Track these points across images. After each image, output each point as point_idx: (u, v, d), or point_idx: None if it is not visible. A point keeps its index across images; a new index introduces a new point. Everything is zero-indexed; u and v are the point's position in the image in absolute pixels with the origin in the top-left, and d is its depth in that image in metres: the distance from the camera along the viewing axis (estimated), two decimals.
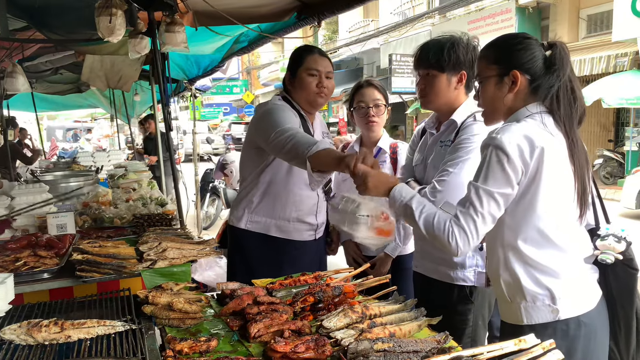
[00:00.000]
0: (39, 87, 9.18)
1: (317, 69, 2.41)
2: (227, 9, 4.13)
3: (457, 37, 2.09)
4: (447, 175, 2.02)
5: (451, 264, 2.16)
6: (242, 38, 4.98)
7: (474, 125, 2.05)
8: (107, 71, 5.46)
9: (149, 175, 4.29)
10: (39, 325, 1.52)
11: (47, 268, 2.09)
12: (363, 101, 2.69)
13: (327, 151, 1.93)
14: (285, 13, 4.07)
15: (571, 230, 1.65)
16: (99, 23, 2.45)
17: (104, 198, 3.20)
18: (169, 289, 1.90)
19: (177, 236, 2.50)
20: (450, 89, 2.11)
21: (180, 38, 3.11)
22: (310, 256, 2.57)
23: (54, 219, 2.67)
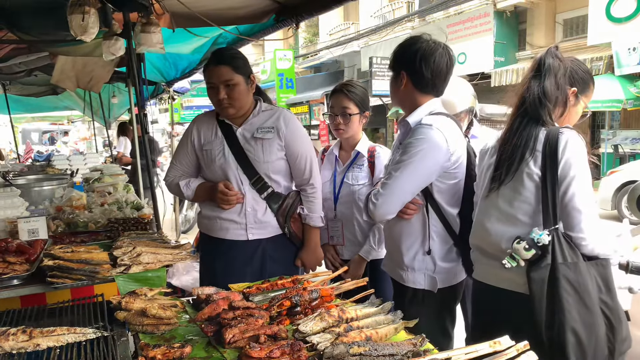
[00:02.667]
0: (13, 89, 8.99)
1: (212, 81, 2.41)
2: (204, 10, 4.09)
3: (416, 37, 2.15)
4: (390, 178, 2.07)
5: (403, 265, 2.19)
6: (220, 40, 4.95)
7: (420, 129, 2.07)
8: (78, 72, 5.38)
9: (125, 178, 4.22)
10: (6, 334, 1.48)
11: (17, 274, 2.04)
12: (334, 107, 2.72)
13: (199, 188, 2.55)
14: (263, 15, 4.05)
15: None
16: (72, 21, 2.40)
17: (77, 202, 3.13)
18: (143, 295, 1.87)
19: (153, 240, 2.46)
20: (399, 90, 2.18)
21: (156, 39, 3.07)
22: (245, 257, 2.52)
23: (25, 224, 2.60)
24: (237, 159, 2.47)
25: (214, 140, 2.52)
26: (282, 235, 2.55)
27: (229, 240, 2.52)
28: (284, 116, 2.51)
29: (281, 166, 2.50)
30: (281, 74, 18.84)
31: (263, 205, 2.49)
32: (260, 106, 2.54)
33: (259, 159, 2.45)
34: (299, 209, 2.57)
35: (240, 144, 2.47)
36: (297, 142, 2.50)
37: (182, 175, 2.62)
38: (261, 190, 2.48)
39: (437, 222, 2.16)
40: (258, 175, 2.47)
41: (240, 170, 2.46)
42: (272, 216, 2.51)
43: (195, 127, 2.59)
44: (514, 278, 1.81)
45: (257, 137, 2.46)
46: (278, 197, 2.52)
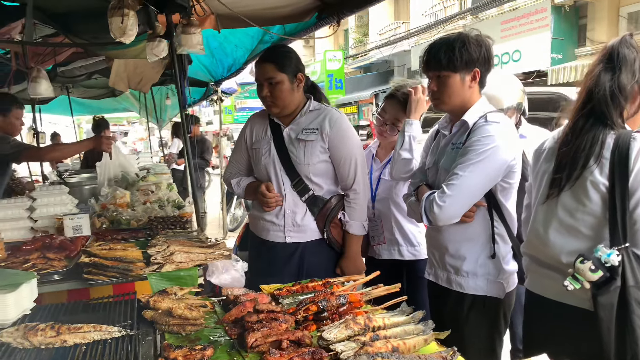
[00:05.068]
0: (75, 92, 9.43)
1: (257, 78, 2.42)
2: (248, 10, 4.12)
3: (465, 34, 2.00)
4: (457, 179, 1.92)
5: (462, 271, 2.05)
6: (266, 38, 4.96)
7: (487, 126, 1.95)
8: (130, 73, 5.56)
9: (168, 177, 4.31)
10: (35, 329, 1.51)
11: (55, 270, 2.09)
12: (386, 113, 2.64)
13: (248, 187, 2.58)
14: (306, 13, 4.02)
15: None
16: (112, 24, 2.45)
17: (121, 200, 3.21)
18: (173, 294, 1.87)
19: (189, 239, 2.47)
20: (464, 89, 2.02)
21: (196, 40, 3.10)
22: (283, 259, 2.48)
23: (70, 221, 2.69)
24: (280, 159, 2.44)
25: (262, 139, 2.51)
26: (321, 240, 2.49)
27: (270, 242, 2.51)
28: (330, 117, 2.44)
29: (323, 169, 2.44)
30: (330, 74, 18.81)
31: (303, 208, 2.45)
32: (309, 105, 2.50)
33: (300, 160, 2.41)
34: (340, 214, 2.49)
35: (285, 144, 2.44)
36: (342, 144, 2.43)
37: (237, 173, 2.65)
38: (302, 193, 2.44)
39: (500, 225, 2.05)
40: (299, 178, 2.42)
41: (283, 171, 2.43)
42: (312, 220, 2.46)
43: (249, 125, 2.61)
44: (576, 292, 1.59)
45: (300, 138, 2.41)
46: (319, 200, 2.45)
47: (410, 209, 2.21)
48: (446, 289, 2.12)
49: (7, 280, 1.78)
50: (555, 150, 1.77)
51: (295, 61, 2.41)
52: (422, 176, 2.24)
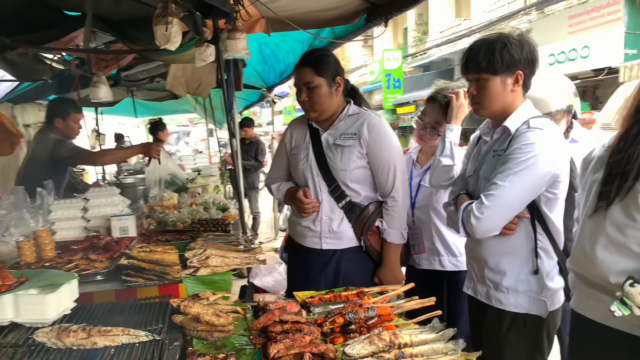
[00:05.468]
0: (139, 95, 9.86)
1: (296, 83, 2.41)
2: (296, 14, 4.13)
3: (506, 35, 1.88)
4: (496, 189, 1.81)
5: (501, 287, 1.94)
6: (316, 43, 4.96)
7: (529, 133, 1.83)
8: (188, 78, 5.70)
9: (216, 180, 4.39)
10: (67, 330, 1.56)
11: (96, 271, 2.17)
12: (426, 116, 2.55)
13: (287, 192, 2.57)
14: (354, 15, 3.98)
15: None
16: (157, 32, 2.51)
17: (168, 202, 3.30)
18: (205, 299, 1.88)
19: (228, 243, 2.49)
20: (505, 92, 1.90)
21: (241, 45, 3.11)
22: (319, 266, 2.44)
23: (117, 222, 2.79)
24: (318, 165, 2.42)
25: (301, 144, 2.50)
26: (358, 247, 2.43)
27: (306, 247, 2.49)
28: (368, 122, 2.39)
29: (361, 175, 2.39)
30: (388, 74, 18.65)
31: (340, 215, 2.41)
32: (348, 110, 2.46)
33: (337, 166, 2.37)
34: (378, 221, 2.43)
35: (323, 150, 2.41)
36: (381, 149, 2.37)
37: (278, 178, 2.66)
38: (339, 199, 2.40)
39: (544, 238, 1.93)
40: (336, 184, 2.39)
41: (320, 177, 2.41)
42: (349, 227, 2.41)
43: (290, 130, 2.61)
44: (626, 317, 1.47)
45: (337, 143, 2.38)
46: (356, 207, 2.40)
47: (449, 219, 2.11)
48: (485, 305, 2.00)
49: (49, 281, 1.85)
50: (605, 159, 1.61)
51: (333, 64, 2.38)
52: (462, 184, 2.13)
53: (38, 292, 1.79)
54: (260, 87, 6.93)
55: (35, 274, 1.95)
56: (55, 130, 3.83)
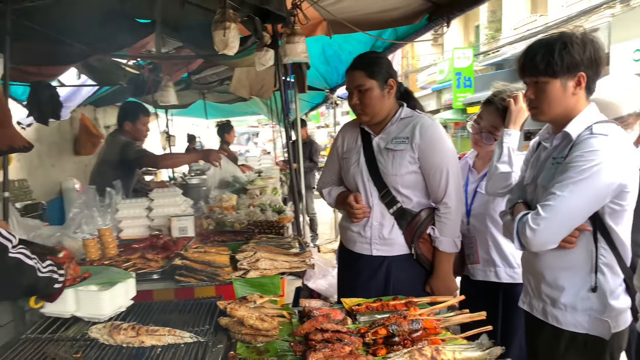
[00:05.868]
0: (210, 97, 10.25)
1: (347, 86, 2.37)
2: (357, 15, 4.11)
3: (568, 34, 1.75)
4: (554, 199, 1.68)
5: (559, 303, 1.81)
6: (378, 44, 4.91)
7: (592, 139, 1.69)
8: (252, 80, 5.83)
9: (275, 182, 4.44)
10: (118, 328, 1.62)
11: (151, 270, 2.25)
12: (482, 119, 2.44)
13: (338, 197, 2.54)
14: (416, 16, 3.90)
15: None
16: (215, 37, 2.57)
17: (227, 203, 3.38)
18: (253, 301, 1.90)
19: (279, 246, 2.51)
20: (566, 96, 1.77)
21: (300, 48, 3.14)
22: (369, 272, 2.38)
23: (177, 222, 2.89)
24: (369, 169, 2.38)
25: (353, 149, 2.48)
26: (409, 255, 2.37)
27: (356, 253, 2.46)
28: (420, 125, 2.32)
29: (412, 180, 2.33)
30: (459, 72, 18.13)
31: (390, 221, 2.36)
32: (400, 113, 2.41)
33: (387, 171, 2.33)
34: (429, 229, 2.36)
35: (374, 154, 2.38)
36: (433, 154, 2.30)
37: (329, 183, 2.65)
38: (390, 205, 2.35)
39: (608, 253, 1.78)
40: (387, 189, 2.34)
41: (371, 182, 2.37)
42: (400, 234, 2.36)
43: (341, 134, 2.60)
44: None
45: (389, 147, 2.33)
46: (407, 213, 2.35)
47: (505, 228, 2.00)
48: (541, 322, 1.88)
49: (108, 278, 1.95)
50: None
51: (386, 67, 2.33)
52: (520, 193, 2.01)
53: (97, 289, 1.89)
54: (324, 88, 6.96)
55: (98, 270, 2.06)
56: (125, 132, 4.03)
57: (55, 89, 5.39)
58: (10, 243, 1.52)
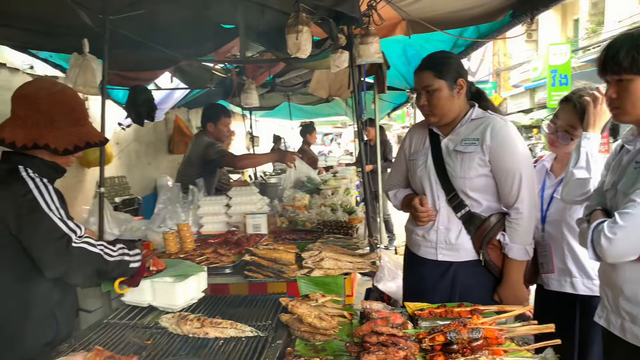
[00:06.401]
0: (294, 99, 10.51)
1: (415, 87, 2.30)
2: (437, 15, 4.02)
3: None
4: (634, 207, 1.55)
5: (639, 321, 1.65)
6: (460, 42, 4.77)
7: None
8: (331, 81, 5.89)
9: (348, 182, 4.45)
10: (185, 319, 1.72)
11: (223, 265, 2.36)
12: (559, 119, 2.30)
13: (404, 199, 2.50)
14: (499, 12, 3.75)
15: None
16: (288, 40, 2.64)
17: (299, 202, 3.45)
18: (314, 300, 1.93)
19: (345, 246, 2.52)
20: None
21: (373, 49, 3.13)
22: (434, 277, 2.31)
23: (251, 220, 3.00)
24: (437, 171, 2.32)
25: (420, 150, 2.43)
26: (477, 261, 2.28)
27: (421, 257, 2.41)
28: (492, 126, 2.23)
29: (482, 183, 2.24)
30: (554, 70, 17.08)
31: (458, 225, 2.28)
32: (471, 114, 2.33)
33: (456, 173, 2.25)
34: (499, 235, 2.26)
35: (443, 156, 2.32)
36: (505, 157, 2.19)
37: (396, 185, 2.63)
38: (457, 209, 2.27)
39: None
40: (454, 192, 2.27)
41: (438, 184, 2.31)
42: (468, 239, 2.27)
43: (409, 135, 2.56)
44: None
45: (457, 149, 2.26)
46: (476, 218, 2.26)
47: (582, 237, 1.86)
48: (619, 339, 1.73)
49: (182, 271, 2.07)
50: None
51: (455, 66, 2.26)
52: (599, 199, 1.86)
53: (172, 281, 2.02)
54: (404, 88, 6.87)
55: (174, 263, 2.20)
56: (208, 133, 4.25)
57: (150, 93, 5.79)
58: (74, 234, 1.65)
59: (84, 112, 1.85)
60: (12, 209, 1.62)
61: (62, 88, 1.81)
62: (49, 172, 1.78)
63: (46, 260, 1.62)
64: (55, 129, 1.73)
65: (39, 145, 1.69)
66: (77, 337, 1.71)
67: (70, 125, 1.77)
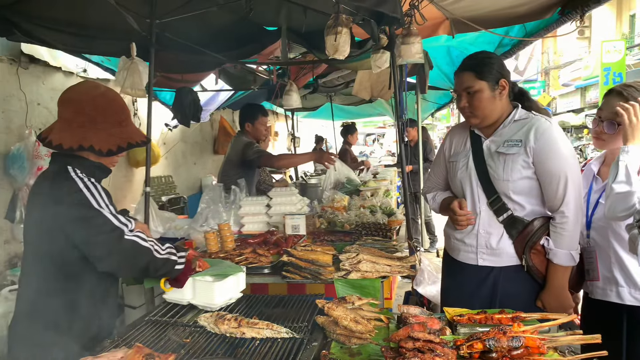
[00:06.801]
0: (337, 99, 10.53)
1: (456, 89, 2.25)
2: (482, 13, 3.93)
3: None
4: None
5: None
6: (505, 41, 4.65)
7: None
8: (373, 82, 5.85)
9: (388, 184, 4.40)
10: (223, 318, 1.75)
11: (261, 265, 2.39)
12: (603, 111, 2.19)
13: (443, 202, 2.47)
14: (546, 10, 3.62)
15: None
16: (327, 42, 2.64)
17: (338, 203, 3.44)
18: (351, 303, 1.92)
19: (383, 249, 2.50)
20: None
21: (415, 49, 3.09)
22: (474, 283, 2.24)
23: (290, 220, 3.02)
24: (478, 174, 2.26)
25: (461, 152, 2.38)
26: (519, 266, 2.21)
27: (460, 262, 2.35)
28: (536, 127, 2.16)
29: (525, 186, 2.17)
30: (607, 68, 16.38)
31: (499, 229, 2.22)
32: (514, 115, 2.27)
33: (498, 176, 2.19)
34: (543, 239, 2.18)
35: (484, 158, 2.26)
36: (550, 158, 2.12)
37: (435, 187, 2.59)
38: (499, 212, 2.21)
39: None
40: (496, 195, 2.20)
41: (480, 187, 2.25)
42: (510, 243, 2.20)
43: (449, 137, 2.51)
44: None
45: (500, 151, 2.20)
46: (519, 222, 2.19)
47: (631, 243, 1.77)
48: None
49: (221, 271, 2.10)
50: None
51: (497, 67, 2.20)
52: None
53: (211, 280, 2.05)
54: (448, 88, 6.76)
55: (214, 263, 2.22)
56: (246, 133, 4.31)
57: (196, 94, 5.93)
58: (126, 227, 1.72)
59: (126, 113, 1.90)
60: (63, 207, 1.69)
61: (104, 90, 1.87)
62: (95, 172, 1.85)
63: (99, 253, 1.69)
64: (99, 131, 1.79)
65: (84, 147, 1.76)
66: (119, 334, 1.77)
67: (113, 127, 1.82)
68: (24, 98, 4.76)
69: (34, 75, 4.96)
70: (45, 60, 4.99)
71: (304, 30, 4.15)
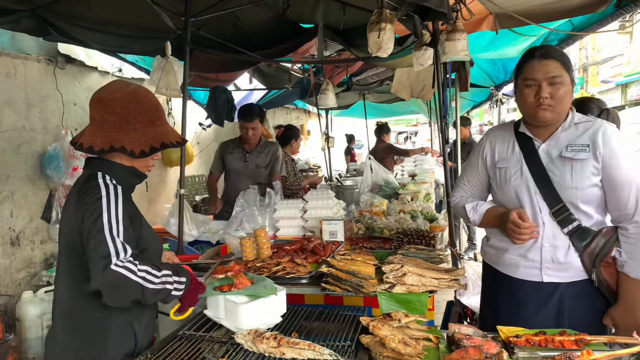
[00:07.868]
0: (370, 97, 10.38)
1: (534, 77, 2.00)
2: (529, 7, 3.72)
3: None
4: None
5: None
6: (552, 36, 4.41)
7: None
8: (413, 81, 5.67)
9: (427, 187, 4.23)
10: (261, 337, 1.64)
11: (300, 275, 2.27)
12: None
13: (488, 213, 2.24)
14: (600, 3, 3.38)
15: None
16: (370, 39, 2.51)
17: (377, 208, 3.30)
18: (397, 320, 1.79)
19: (428, 259, 2.35)
20: None
21: (460, 46, 2.93)
22: (537, 301, 2.05)
23: (327, 226, 2.90)
24: (536, 181, 2.07)
25: (510, 157, 2.17)
26: (588, 281, 2.02)
27: (518, 279, 2.14)
28: (603, 131, 1.98)
29: (594, 195, 1.99)
30: None
31: (565, 241, 2.02)
32: (572, 117, 2.08)
33: (565, 183, 2.00)
34: (614, 251, 1.99)
35: (543, 164, 2.08)
36: (619, 165, 1.94)
37: (469, 197, 2.38)
38: (564, 223, 2.02)
39: None
40: (562, 204, 2.01)
41: (539, 195, 2.06)
42: (576, 256, 2.01)
43: (489, 141, 2.30)
44: None
45: (565, 156, 2.01)
46: (586, 233, 2.00)
47: None
48: None
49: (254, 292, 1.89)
50: None
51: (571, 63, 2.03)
52: None
53: (239, 302, 1.84)
54: (488, 86, 6.52)
55: (258, 280, 2.01)
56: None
57: (230, 93, 5.88)
58: (116, 256, 1.53)
59: (159, 112, 1.79)
60: (80, 213, 1.61)
61: (135, 89, 1.76)
62: (128, 178, 1.76)
63: (90, 272, 1.55)
64: (131, 131, 1.69)
65: (115, 148, 1.66)
66: (153, 350, 1.68)
67: (145, 126, 1.72)
68: (61, 98, 4.79)
69: (70, 75, 4.98)
70: (81, 60, 5.01)
71: (341, 27, 4.03)
